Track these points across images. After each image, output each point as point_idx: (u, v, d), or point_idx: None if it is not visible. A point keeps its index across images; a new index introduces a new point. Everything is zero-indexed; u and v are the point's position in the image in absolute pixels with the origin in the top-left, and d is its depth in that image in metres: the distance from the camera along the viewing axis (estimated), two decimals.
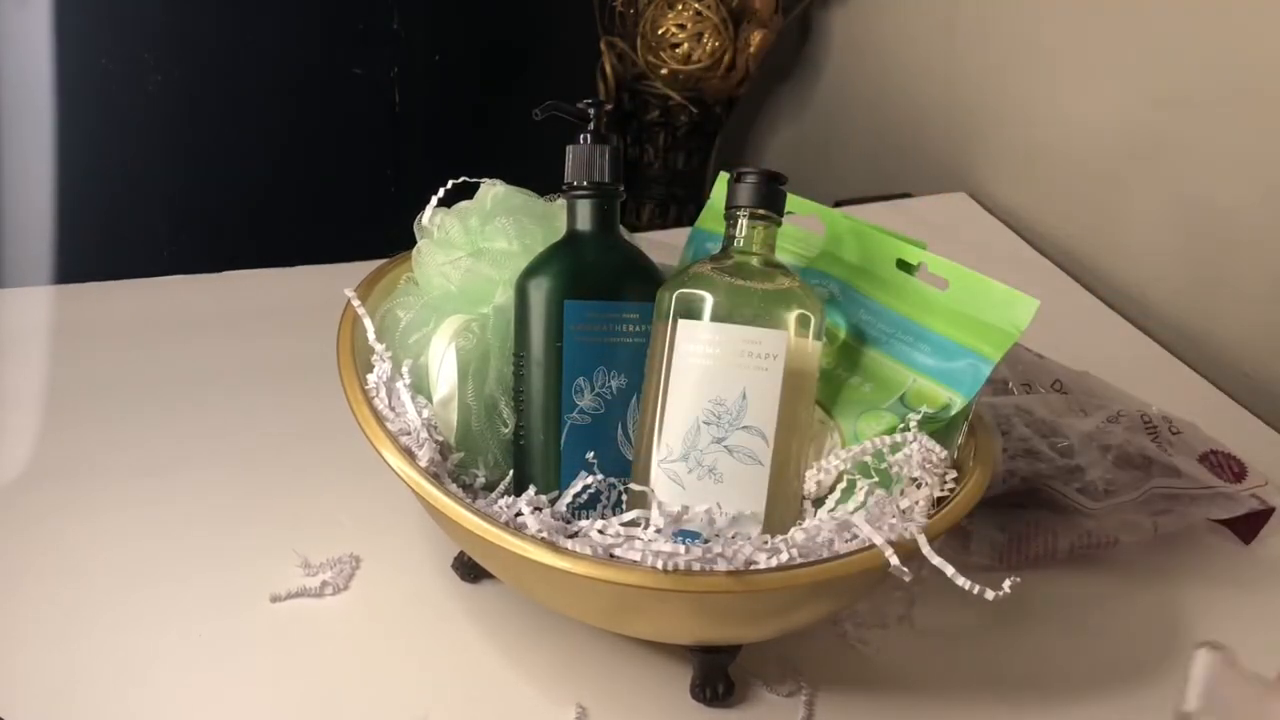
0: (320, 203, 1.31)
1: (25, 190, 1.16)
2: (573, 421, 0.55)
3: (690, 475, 0.53)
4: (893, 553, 0.49)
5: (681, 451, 0.53)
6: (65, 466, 0.70)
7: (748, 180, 0.56)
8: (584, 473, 0.54)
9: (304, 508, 0.68)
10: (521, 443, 0.57)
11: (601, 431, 0.56)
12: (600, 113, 0.58)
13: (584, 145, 0.58)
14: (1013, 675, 0.61)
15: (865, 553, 0.50)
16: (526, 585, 0.55)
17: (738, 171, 0.57)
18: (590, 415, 0.56)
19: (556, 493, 0.55)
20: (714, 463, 0.53)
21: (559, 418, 0.55)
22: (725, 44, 1.37)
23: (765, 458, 0.53)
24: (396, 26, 1.27)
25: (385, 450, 0.53)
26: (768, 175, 0.56)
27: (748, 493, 0.53)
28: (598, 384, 0.55)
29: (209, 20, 1.19)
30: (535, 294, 0.55)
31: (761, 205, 0.56)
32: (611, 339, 0.56)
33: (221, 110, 1.23)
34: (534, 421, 0.56)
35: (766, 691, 0.59)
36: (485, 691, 0.57)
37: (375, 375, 0.57)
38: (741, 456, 0.53)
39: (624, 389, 0.56)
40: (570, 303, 0.55)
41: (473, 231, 0.60)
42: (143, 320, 0.85)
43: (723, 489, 0.53)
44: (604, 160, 0.57)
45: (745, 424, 0.53)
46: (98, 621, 0.59)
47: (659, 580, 0.48)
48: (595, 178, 0.57)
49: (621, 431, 0.56)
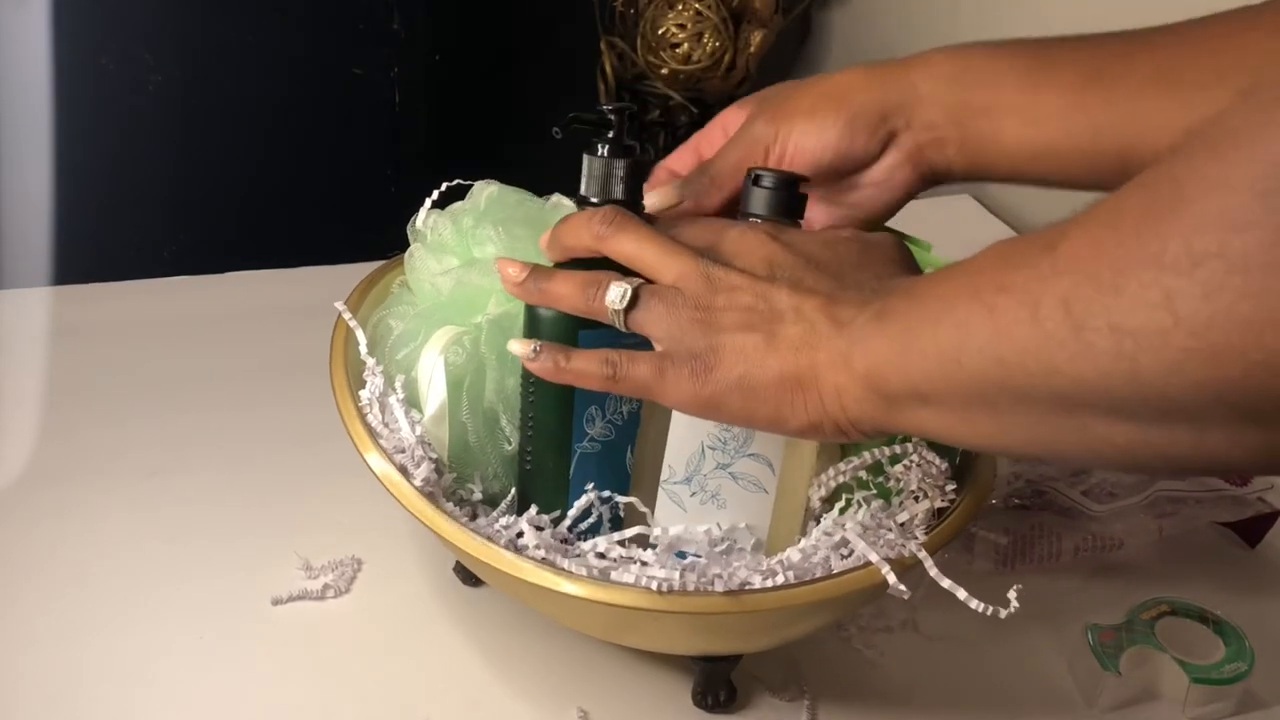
0: (320, 203, 1.31)
1: (25, 190, 1.15)
2: (582, 450, 0.53)
3: (693, 499, 0.52)
4: (890, 570, 0.48)
5: (684, 475, 0.52)
6: (65, 468, 0.69)
7: (765, 184, 0.52)
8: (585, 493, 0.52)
9: (305, 510, 0.67)
10: (528, 468, 0.54)
11: (611, 457, 0.54)
12: (623, 120, 0.52)
13: (600, 157, 0.52)
14: (1017, 680, 0.61)
15: (862, 570, 0.49)
16: (526, 601, 0.55)
17: (755, 173, 0.53)
18: (601, 443, 0.53)
19: (559, 513, 0.53)
20: (717, 488, 0.52)
21: (569, 447, 0.53)
22: (725, 44, 1.37)
23: (770, 485, 0.52)
24: (396, 26, 1.27)
25: (379, 468, 0.53)
26: (788, 180, 0.52)
27: (750, 519, 0.52)
28: (609, 411, 0.53)
29: (209, 20, 1.19)
30: (548, 325, 0.51)
31: (779, 215, 0.52)
32: None
33: (221, 110, 1.23)
34: (542, 449, 0.53)
35: (769, 697, 0.58)
36: (486, 695, 0.57)
37: (368, 391, 0.55)
38: (746, 483, 0.52)
39: (634, 412, 0.53)
40: (585, 333, 0.50)
41: (465, 232, 0.59)
42: (143, 320, 0.85)
43: (725, 514, 0.52)
44: (621, 175, 0.52)
45: (751, 451, 0.52)
46: (99, 623, 0.59)
47: (655, 601, 0.47)
48: (611, 195, 0.52)
49: (630, 454, 0.54)
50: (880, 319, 0.43)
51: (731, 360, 0.45)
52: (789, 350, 0.44)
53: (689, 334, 0.46)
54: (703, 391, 0.45)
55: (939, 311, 0.40)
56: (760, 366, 0.44)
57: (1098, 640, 0.59)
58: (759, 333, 0.45)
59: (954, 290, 0.40)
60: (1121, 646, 0.59)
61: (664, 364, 0.46)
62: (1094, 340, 0.34)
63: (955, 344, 0.39)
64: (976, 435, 0.41)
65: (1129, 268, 0.33)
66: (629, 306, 0.47)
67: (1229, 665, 0.59)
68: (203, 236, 1.26)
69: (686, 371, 0.45)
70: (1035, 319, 0.36)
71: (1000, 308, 0.37)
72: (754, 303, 0.45)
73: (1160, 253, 0.32)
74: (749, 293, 0.46)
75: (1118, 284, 0.33)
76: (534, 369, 0.49)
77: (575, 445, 0.53)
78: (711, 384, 0.45)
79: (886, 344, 0.42)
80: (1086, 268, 0.34)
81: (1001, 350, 0.37)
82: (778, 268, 0.47)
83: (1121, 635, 0.60)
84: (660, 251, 0.48)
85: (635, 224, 0.49)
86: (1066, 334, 0.35)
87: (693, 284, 0.46)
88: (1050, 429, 0.38)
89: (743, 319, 0.45)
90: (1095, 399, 0.35)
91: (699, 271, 0.46)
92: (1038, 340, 0.36)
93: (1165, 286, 0.31)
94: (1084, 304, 0.34)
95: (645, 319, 0.47)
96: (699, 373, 0.45)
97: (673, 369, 0.46)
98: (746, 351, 0.45)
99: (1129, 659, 0.59)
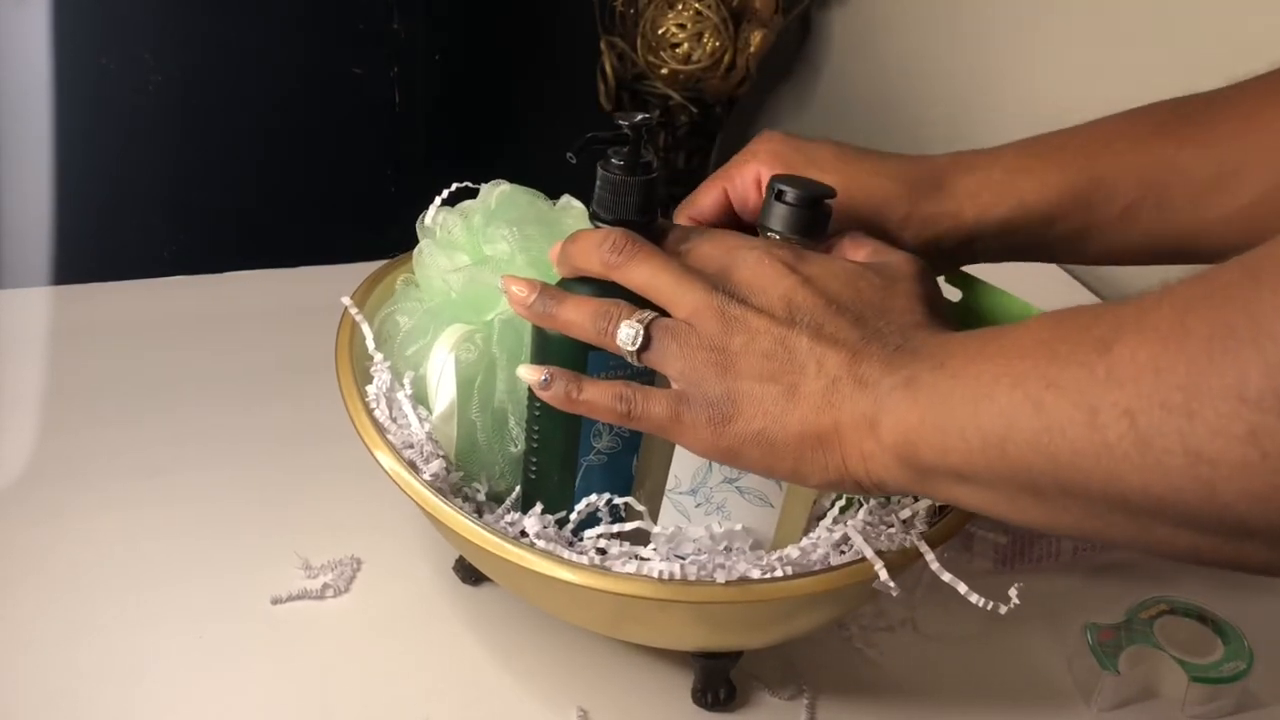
0: (320, 203, 1.31)
1: (25, 190, 1.15)
2: (588, 463, 0.53)
3: (698, 510, 0.52)
4: (882, 566, 0.48)
5: (690, 485, 0.51)
6: (65, 468, 0.69)
7: (787, 200, 0.50)
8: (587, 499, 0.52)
9: (305, 509, 0.67)
10: (533, 476, 0.54)
11: (617, 468, 0.53)
12: (640, 134, 0.48)
13: (613, 174, 0.49)
14: (1017, 679, 0.61)
15: (865, 562, 0.49)
16: (528, 594, 0.55)
17: (778, 186, 0.50)
18: (607, 455, 0.53)
19: (563, 514, 0.53)
20: (723, 500, 0.51)
21: (575, 461, 0.52)
22: (725, 44, 1.37)
23: (776, 500, 0.52)
24: (396, 26, 1.27)
25: (387, 462, 0.53)
26: (812, 197, 0.50)
27: (755, 531, 0.52)
28: (618, 426, 0.52)
29: (209, 20, 1.19)
30: (556, 344, 0.50)
31: (800, 234, 0.50)
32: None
33: (221, 110, 1.22)
34: (547, 462, 0.53)
35: (768, 695, 0.58)
36: (486, 694, 0.57)
37: (375, 386, 0.56)
38: (752, 498, 0.52)
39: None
40: (594, 354, 0.49)
41: (476, 231, 0.59)
42: (143, 320, 0.85)
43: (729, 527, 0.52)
44: (634, 194, 0.49)
45: None
46: (98, 623, 0.59)
47: (657, 590, 0.47)
48: (621, 215, 0.49)
49: (636, 458, 0.54)
50: (910, 387, 0.41)
51: (750, 413, 0.44)
52: (810, 408, 0.43)
53: (705, 378, 0.44)
54: (720, 442, 0.44)
55: (977, 394, 0.38)
56: (779, 422, 0.43)
57: (1097, 639, 0.59)
58: (779, 385, 0.43)
59: (993, 374, 0.38)
60: (1120, 645, 0.59)
61: (680, 408, 0.45)
62: (1165, 460, 0.32)
63: (999, 433, 0.37)
64: (1021, 516, 0.40)
65: (1204, 396, 0.31)
66: (641, 348, 0.46)
67: (1228, 664, 0.59)
68: (203, 236, 1.25)
69: (704, 419, 0.44)
70: (1093, 425, 0.34)
71: (1049, 406, 0.35)
72: (773, 349, 0.44)
73: (1240, 386, 0.30)
74: (768, 337, 0.44)
75: (1191, 409, 0.31)
76: (546, 398, 0.48)
77: (581, 459, 0.53)
78: (729, 436, 0.44)
79: (919, 418, 0.40)
80: (1151, 383, 0.32)
81: (1054, 449, 0.35)
82: (797, 310, 0.44)
83: (1120, 634, 0.60)
84: (674, 283, 0.46)
85: (647, 252, 0.47)
86: (1131, 447, 0.33)
87: (708, 322, 0.45)
88: (1108, 522, 0.36)
89: (761, 367, 0.44)
90: (1162, 510, 0.34)
91: (714, 307, 0.45)
92: (1097, 447, 0.34)
93: (1250, 422, 0.30)
94: (1151, 420, 0.32)
95: (660, 358, 0.46)
96: (716, 422, 0.44)
97: (689, 413, 0.44)
98: (765, 405, 0.43)
99: (1128, 658, 0.59)
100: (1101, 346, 0.34)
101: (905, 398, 0.41)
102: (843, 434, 0.42)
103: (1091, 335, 0.35)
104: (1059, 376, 0.35)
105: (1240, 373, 0.30)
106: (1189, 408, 0.31)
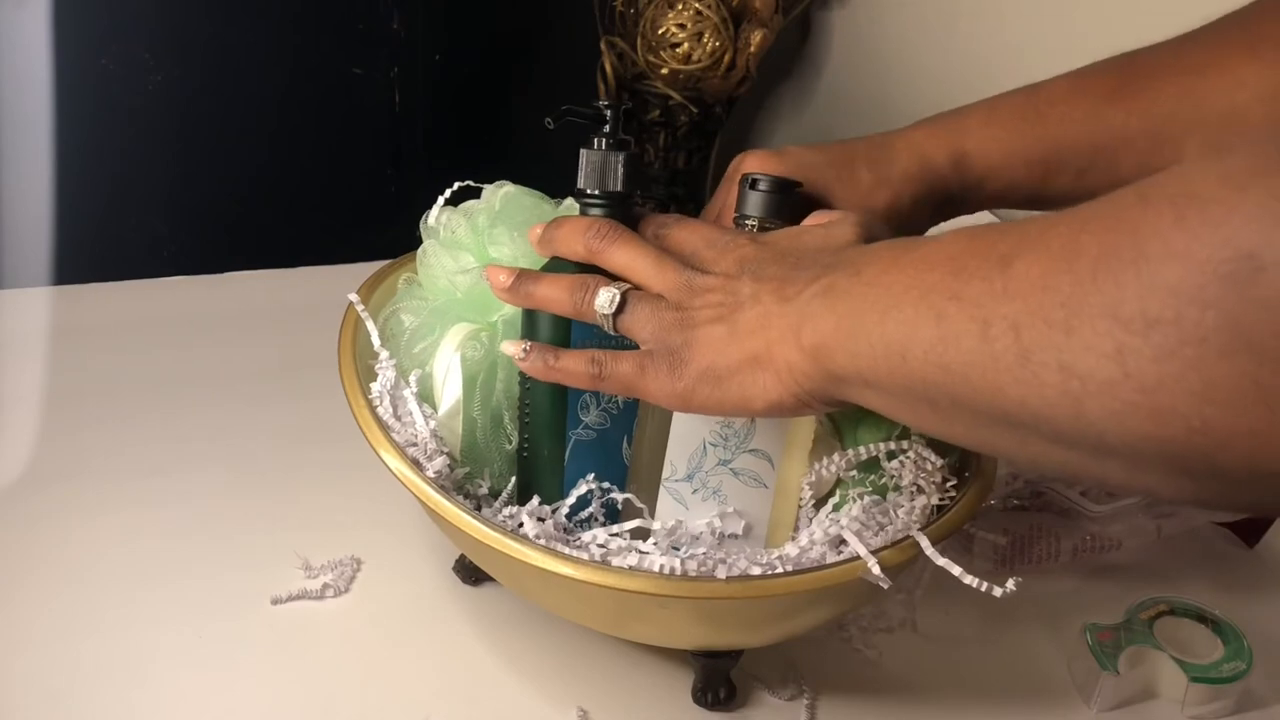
0: (320, 203, 1.31)
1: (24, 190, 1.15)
2: (577, 438, 0.55)
3: (695, 495, 0.53)
4: (875, 561, 0.48)
5: (687, 472, 0.53)
6: (65, 467, 0.69)
7: (760, 188, 0.55)
8: (583, 481, 0.54)
9: (305, 510, 0.67)
10: (525, 456, 0.56)
11: (606, 446, 0.55)
12: (618, 115, 0.54)
13: (597, 150, 0.54)
14: (1016, 679, 0.61)
15: (860, 560, 0.49)
16: (529, 591, 0.55)
17: (751, 177, 0.55)
18: (595, 430, 0.55)
19: (558, 503, 0.54)
20: (719, 484, 0.53)
21: (564, 434, 0.54)
22: (725, 44, 1.37)
23: (770, 480, 0.53)
24: (396, 26, 1.27)
25: (390, 459, 0.53)
26: (781, 183, 0.55)
27: (751, 514, 0.53)
28: (604, 399, 0.55)
29: (209, 20, 1.18)
30: (544, 324, 0.53)
31: (773, 216, 0.54)
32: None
33: (221, 110, 1.22)
34: (539, 437, 0.55)
35: (768, 695, 0.59)
36: (486, 694, 0.57)
37: (379, 384, 0.56)
38: (746, 479, 0.53)
39: (630, 403, 0.55)
40: (577, 335, 0.53)
41: (480, 231, 0.59)
42: (143, 320, 0.85)
43: (726, 509, 0.53)
44: (619, 167, 0.54)
45: (752, 447, 0.53)
46: (98, 623, 0.59)
47: (658, 585, 0.48)
48: (608, 186, 0.54)
49: (626, 444, 0.56)
50: (827, 294, 0.44)
51: (701, 352, 0.47)
52: (746, 334, 0.46)
53: (669, 333, 0.48)
54: (678, 385, 0.47)
55: (886, 303, 0.41)
56: (724, 354, 0.46)
57: (1096, 640, 0.60)
58: (725, 323, 0.47)
59: (904, 285, 0.40)
60: (1120, 646, 0.59)
61: (645, 361, 0.48)
62: (1041, 373, 0.34)
63: (901, 341, 0.40)
64: (920, 424, 0.43)
65: (1083, 313, 0.33)
66: (617, 311, 0.49)
67: (1227, 664, 0.59)
68: (203, 236, 1.25)
69: (665, 367, 0.47)
70: (984, 337, 0.36)
71: (949, 316, 0.38)
72: (723, 298, 0.47)
73: (1116, 306, 0.32)
74: (720, 291, 0.48)
75: (1070, 325, 0.33)
76: (525, 368, 0.51)
77: (570, 432, 0.54)
78: (685, 377, 0.47)
79: (833, 324, 0.43)
80: (1039, 299, 0.34)
81: (947, 359, 0.38)
82: (747, 263, 0.48)
83: (1120, 634, 0.60)
84: (651, 264, 0.50)
85: (626, 237, 0.51)
86: (1013, 360, 0.35)
87: (677, 293, 0.49)
88: (990, 435, 0.39)
89: (712, 314, 0.47)
90: (1036, 424, 0.36)
91: (684, 282, 0.49)
92: (984, 358, 0.36)
93: (1118, 341, 0.32)
94: (1034, 335, 0.34)
95: (632, 322, 0.49)
96: (674, 366, 0.47)
97: (652, 365, 0.48)
98: (713, 342, 0.47)
99: (1127, 658, 0.59)
100: (1003, 262, 0.36)
101: (824, 305, 0.44)
102: (773, 351, 0.45)
103: (997, 251, 0.37)
104: (963, 290, 0.38)
105: (1117, 292, 0.32)
106: (1069, 324, 0.33)
